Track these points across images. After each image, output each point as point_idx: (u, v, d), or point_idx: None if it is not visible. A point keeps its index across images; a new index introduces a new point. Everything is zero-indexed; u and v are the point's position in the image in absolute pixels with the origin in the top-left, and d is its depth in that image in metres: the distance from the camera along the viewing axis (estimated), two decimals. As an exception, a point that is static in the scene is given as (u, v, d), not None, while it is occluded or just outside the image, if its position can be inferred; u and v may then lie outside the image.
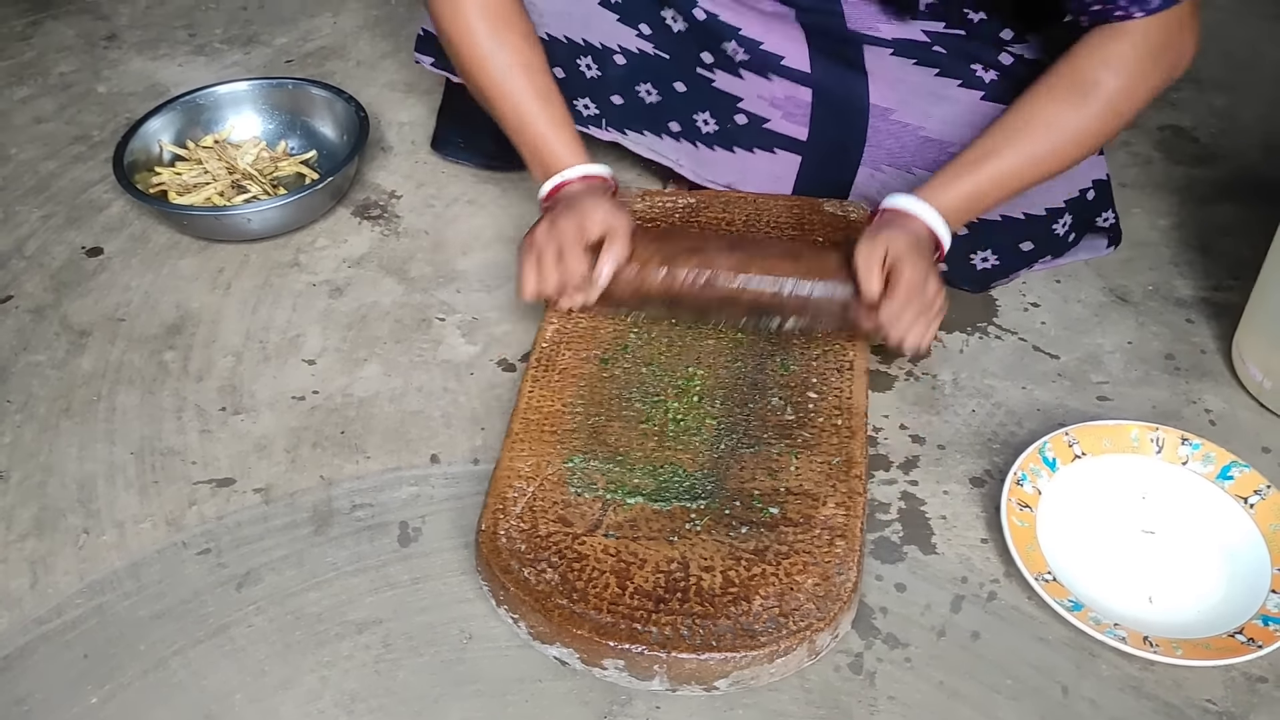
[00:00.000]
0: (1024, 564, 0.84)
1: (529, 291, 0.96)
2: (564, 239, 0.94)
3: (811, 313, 0.96)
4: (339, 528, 0.92)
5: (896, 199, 0.94)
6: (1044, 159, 0.93)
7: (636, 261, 0.96)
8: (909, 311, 0.90)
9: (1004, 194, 0.95)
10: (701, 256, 0.96)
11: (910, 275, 0.89)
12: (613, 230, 0.95)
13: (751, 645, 0.77)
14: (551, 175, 0.99)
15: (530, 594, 0.80)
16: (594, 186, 0.99)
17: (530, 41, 1.00)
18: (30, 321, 1.12)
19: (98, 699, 0.81)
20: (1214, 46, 1.50)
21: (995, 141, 0.94)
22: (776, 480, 0.87)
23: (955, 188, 0.94)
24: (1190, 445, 0.92)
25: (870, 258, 0.91)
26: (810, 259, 0.96)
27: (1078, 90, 0.91)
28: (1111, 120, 0.93)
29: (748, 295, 0.95)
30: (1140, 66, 0.91)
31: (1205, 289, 1.13)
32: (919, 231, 0.92)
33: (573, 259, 0.94)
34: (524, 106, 0.99)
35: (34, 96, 1.46)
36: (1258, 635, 0.80)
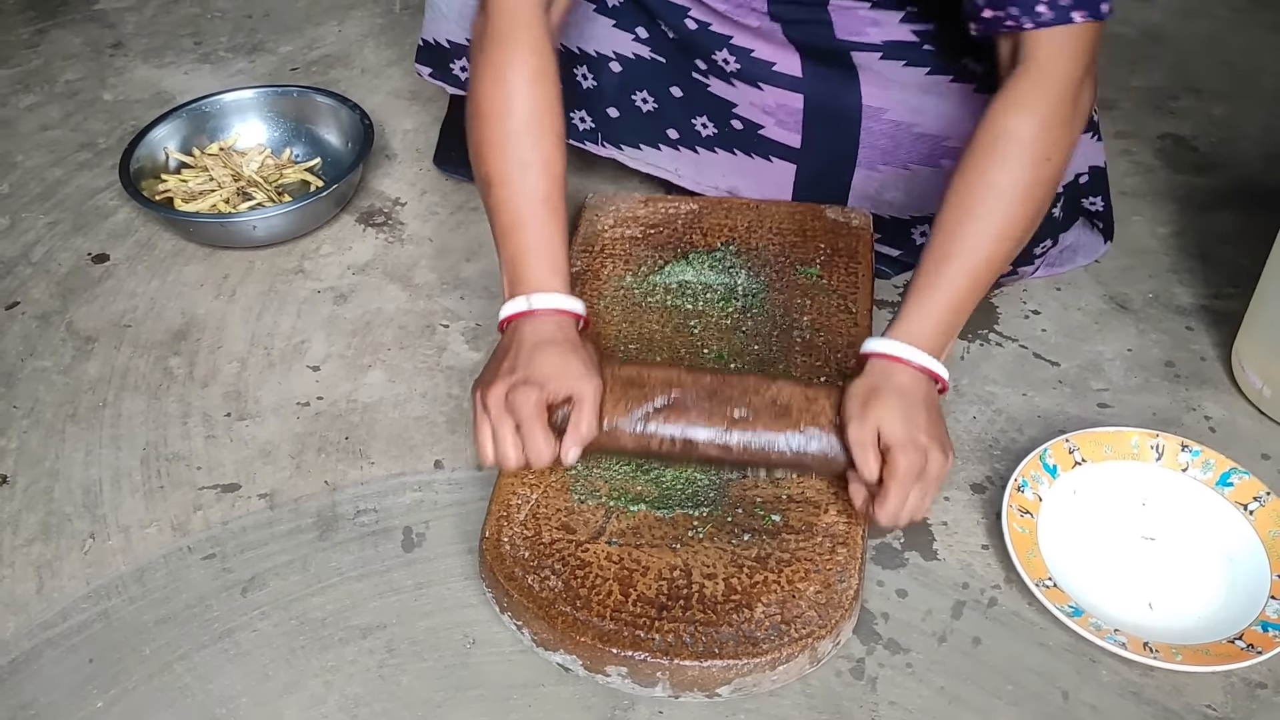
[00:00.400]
0: (1025, 570, 0.85)
1: (487, 461, 0.84)
2: (523, 413, 0.82)
3: (803, 469, 0.87)
4: (343, 533, 0.93)
5: (876, 344, 0.85)
6: (1001, 231, 0.85)
7: (606, 417, 0.85)
8: (899, 506, 0.81)
9: (982, 285, 0.86)
10: (679, 410, 0.86)
11: (904, 466, 0.79)
12: (579, 399, 0.83)
13: (753, 653, 0.77)
14: (522, 294, 0.87)
15: (534, 601, 0.80)
16: (562, 324, 0.87)
17: (559, 145, 0.91)
18: (37, 327, 1.13)
19: (103, 703, 0.81)
20: (1214, 56, 1.51)
21: (948, 240, 0.85)
22: (778, 488, 0.88)
23: (930, 312, 0.85)
24: (1190, 452, 0.92)
25: (863, 443, 0.81)
26: (801, 411, 0.85)
27: (997, 146, 0.85)
28: (1046, 166, 0.85)
29: (733, 456, 0.86)
30: (1045, 102, 0.85)
31: (1205, 297, 1.14)
32: (908, 384, 0.83)
33: (534, 437, 0.82)
34: (526, 209, 0.88)
35: (40, 104, 1.47)
36: (1257, 641, 0.80)
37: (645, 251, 1.09)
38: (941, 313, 0.85)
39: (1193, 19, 1.60)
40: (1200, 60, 1.51)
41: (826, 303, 1.04)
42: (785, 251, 1.09)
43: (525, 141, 0.89)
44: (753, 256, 1.08)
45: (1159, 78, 1.48)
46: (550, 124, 0.90)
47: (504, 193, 0.89)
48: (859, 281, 1.06)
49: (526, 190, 0.89)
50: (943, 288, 0.85)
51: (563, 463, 0.84)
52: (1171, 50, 1.53)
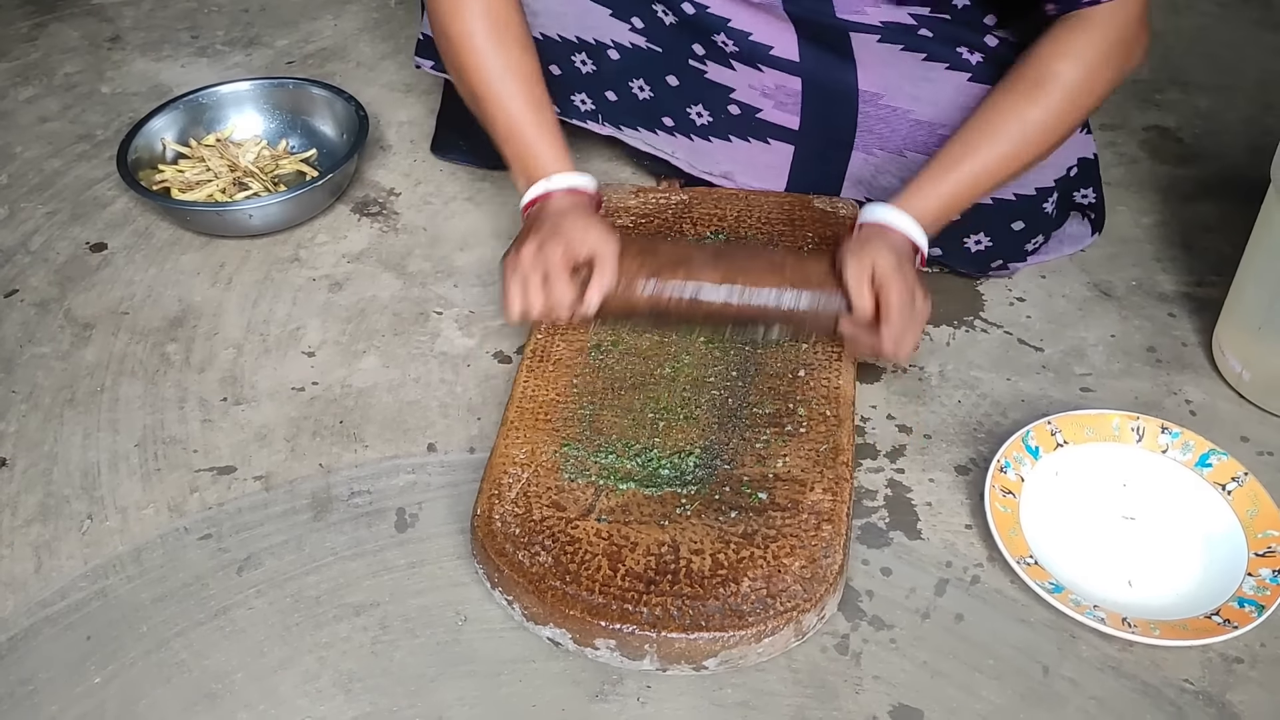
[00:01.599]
0: (1006, 548, 0.86)
1: (515, 315, 0.94)
2: (550, 264, 0.92)
3: (798, 323, 0.97)
4: (337, 514, 0.94)
5: (874, 211, 0.96)
6: (1012, 155, 0.96)
7: (623, 278, 0.95)
8: (902, 331, 0.91)
9: (978, 193, 0.97)
10: (687, 270, 0.96)
11: (899, 296, 0.90)
12: (600, 255, 0.94)
13: (739, 625, 0.79)
14: (535, 182, 0.98)
15: (524, 576, 0.82)
16: (579, 202, 0.98)
17: (528, 50, 1.01)
18: (35, 315, 1.14)
19: (101, 679, 0.83)
20: (1200, 50, 1.53)
21: (964, 143, 0.96)
22: (765, 467, 0.89)
23: (930, 194, 0.96)
24: (1170, 434, 0.94)
25: (859, 278, 0.92)
26: (794, 269, 0.96)
27: (1037, 84, 0.94)
28: (1072, 112, 0.95)
29: (733, 309, 0.96)
30: (1097, 59, 0.94)
31: (1187, 284, 1.15)
32: (900, 243, 0.94)
33: (559, 285, 0.93)
34: (515, 112, 0.99)
35: (39, 96, 1.48)
36: (1233, 617, 0.82)
37: None
38: (940, 200, 0.96)
39: (1179, 14, 1.62)
40: (1186, 54, 1.52)
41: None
42: (773, 240, 1.10)
43: (495, 53, 0.99)
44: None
45: (1144, 71, 1.49)
46: (512, 30, 1.00)
47: (491, 105, 1.00)
48: (846, 268, 1.07)
49: (510, 96, 0.99)
50: (949, 180, 0.96)
51: (584, 310, 0.94)
52: (1158, 44, 1.53)
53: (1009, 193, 1.07)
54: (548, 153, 0.99)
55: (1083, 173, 1.12)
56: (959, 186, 0.96)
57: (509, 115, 0.99)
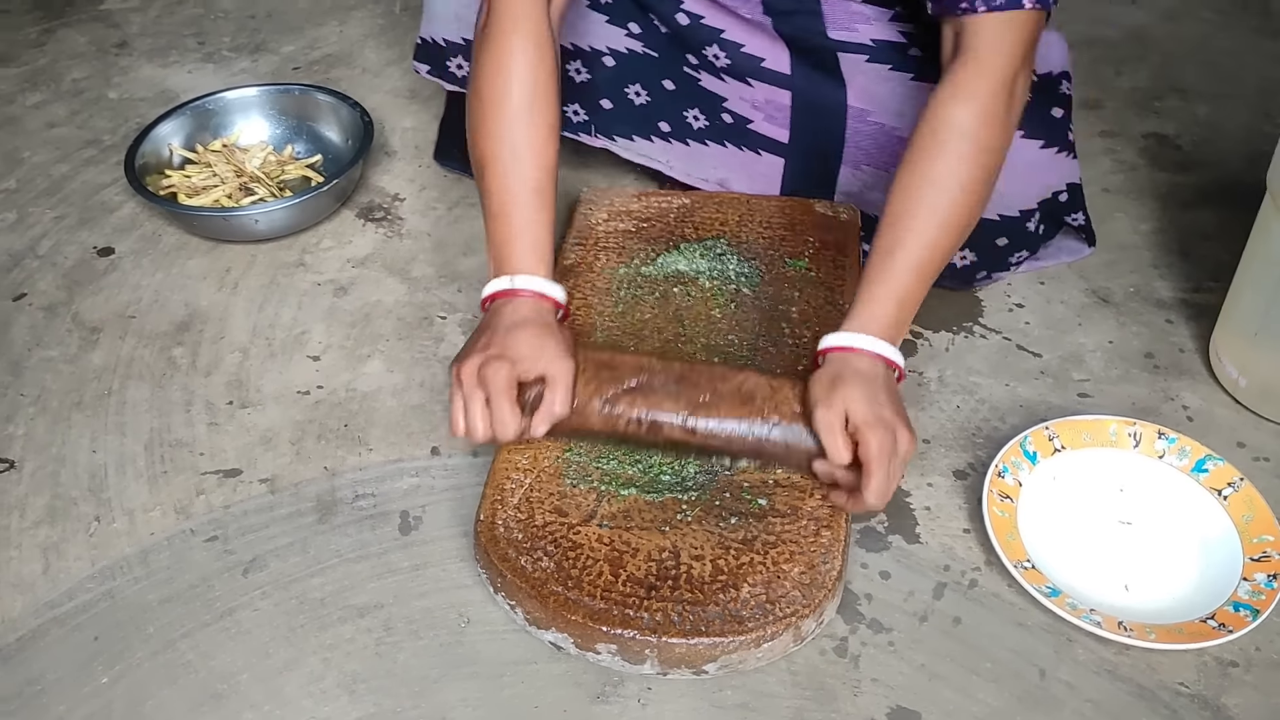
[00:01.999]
0: (1004, 552, 0.87)
1: (457, 432, 0.87)
2: (493, 387, 0.85)
3: (767, 458, 0.89)
4: (342, 516, 0.95)
5: (833, 339, 0.88)
6: (945, 221, 0.87)
7: (577, 399, 0.88)
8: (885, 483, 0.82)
9: (928, 275, 0.89)
10: (646, 397, 0.88)
11: (879, 446, 0.81)
12: (552, 379, 0.86)
13: (739, 631, 0.80)
14: (504, 274, 0.91)
15: (527, 581, 0.83)
16: (541, 310, 0.90)
17: (553, 134, 0.94)
18: (43, 318, 1.16)
19: (108, 679, 0.84)
20: (1198, 57, 1.54)
21: (894, 233, 0.88)
22: (765, 473, 0.90)
23: (881, 302, 0.87)
24: (1167, 439, 0.95)
25: (831, 427, 0.83)
26: (765, 399, 0.88)
27: (934, 136, 0.88)
28: (986, 155, 0.88)
29: (696, 440, 0.88)
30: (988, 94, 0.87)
31: (1185, 291, 1.16)
32: (869, 368, 0.85)
33: (502, 411, 0.85)
34: (514, 194, 0.92)
35: (47, 102, 1.50)
36: (1229, 621, 0.83)
37: (638, 244, 1.12)
38: (892, 303, 0.87)
39: (1178, 21, 1.63)
40: (1185, 61, 1.53)
41: (814, 295, 1.06)
42: (775, 245, 1.11)
43: (520, 129, 0.92)
44: (743, 249, 1.11)
45: (1144, 78, 1.50)
46: (545, 113, 0.93)
47: (496, 178, 0.92)
48: (846, 274, 1.08)
49: (518, 176, 0.92)
50: (891, 280, 0.87)
51: (532, 436, 0.88)
52: (1157, 52, 1.56)
53: (993, 213, 1.08)
54: (529, 249, 0.92)
55: (1071, 197, 1.12)
56: (907, 279, 0.87)
57: (508, 195, 0.92)
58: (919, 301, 0.89)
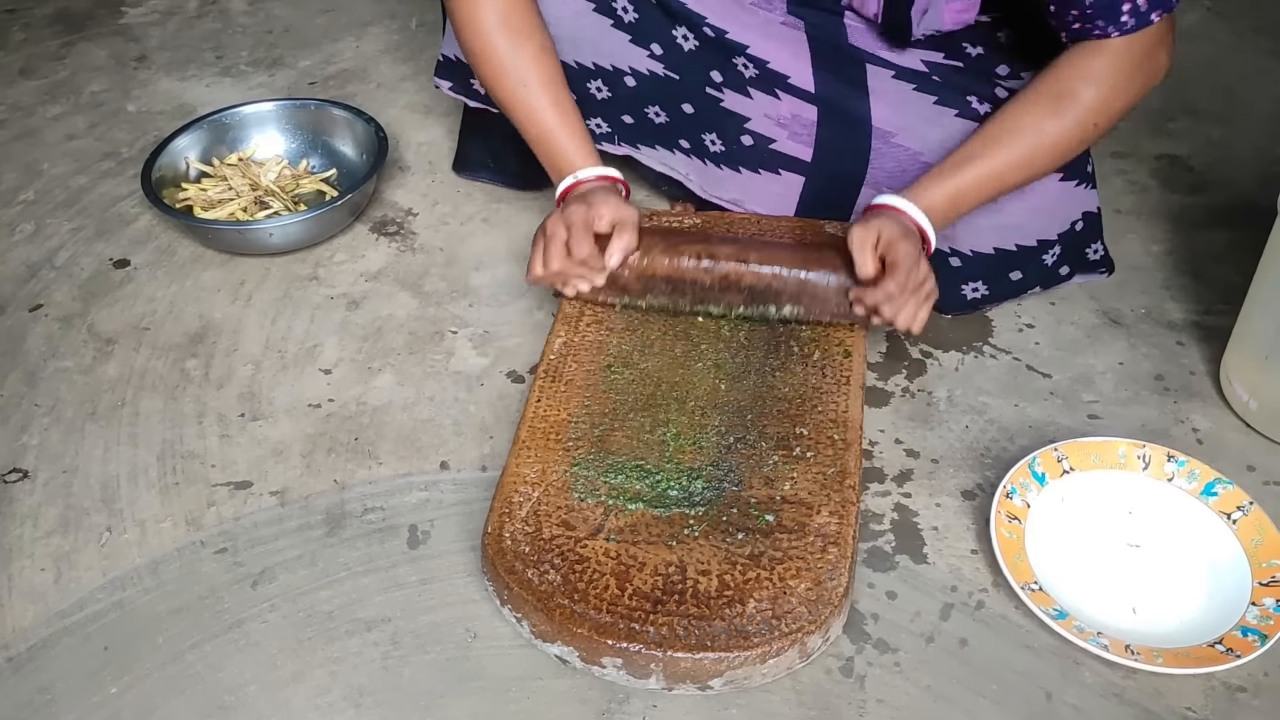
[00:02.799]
0: (1011, 574, 0.87)
1: (536, 273, 1.01)
2: (573, 224, 0.99)
3: (809, 298, 1.02)
4: (351, 530, 0.96)
5: (885, 198, 1.00)
6: (1022, 163, 0.99)
7: (642, 249, 1.02)
8: (903, 292, 0.95)
9: (985, 196, 1.01)
10: (704, 244, 1.03)
11: (903, 258, 0.94)
12: (622, 220, 1.01)
13: (745, 646, 0.80)
14: (565, 176, 1.05)
15: (533, 594, 0.83)
16: (605, 185, 1.05)
17: (547, 53, 1.06)
18: (59, 329, 1.17)
19: (117, 689, 0.84)
20: (1211, 80, 1.54)
21: (977, 146, 1.00)
22: (773, 489, 0.90)
23: (939, 189, 0.99)
24: (1176, 462, 0.95)
25: (864, 240, 0.96)
26: (807, 250, 1.03)
27: (1057, 100, 0.98)
28: (1087, 130, 0.98)
29: (748, 279, 1.02)
30: (1115, 80, 0.97)
31: (1196, 313, 1.16)
32: (907, 228, 0.98)
33: (581, 243, 0.99)
34: (541, 116, 1.05)
35: (66, 114, 1.52)
36: (1237, 645, 0.82)
37: None
38: (946, 194, 0.99)
39: (1193, 43, 1.63)
40: (1199, 83, 1.53)
41: (824, 313, 1.07)
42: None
43: (517, 64, 1.04)
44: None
45: (1157, 99, 1.50)
46: (531, 39, 1.05)
47: (520, 111, 1.06)
48: (856, 293, 1.08)
49: (537, 102, 1.05)
50: (955, 178, 0.99)
51: (606, 264, 1.01)
52: (1170, 73, 1.56)
53: (1010, 243, 1.08)
54: (574, 150, 1.06)
55: (1088, 227, 1.12)
56: (967, 186, 0.99)
57: (535, 122, 1.06)
58: (970, 208, 1.01)
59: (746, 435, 0.95)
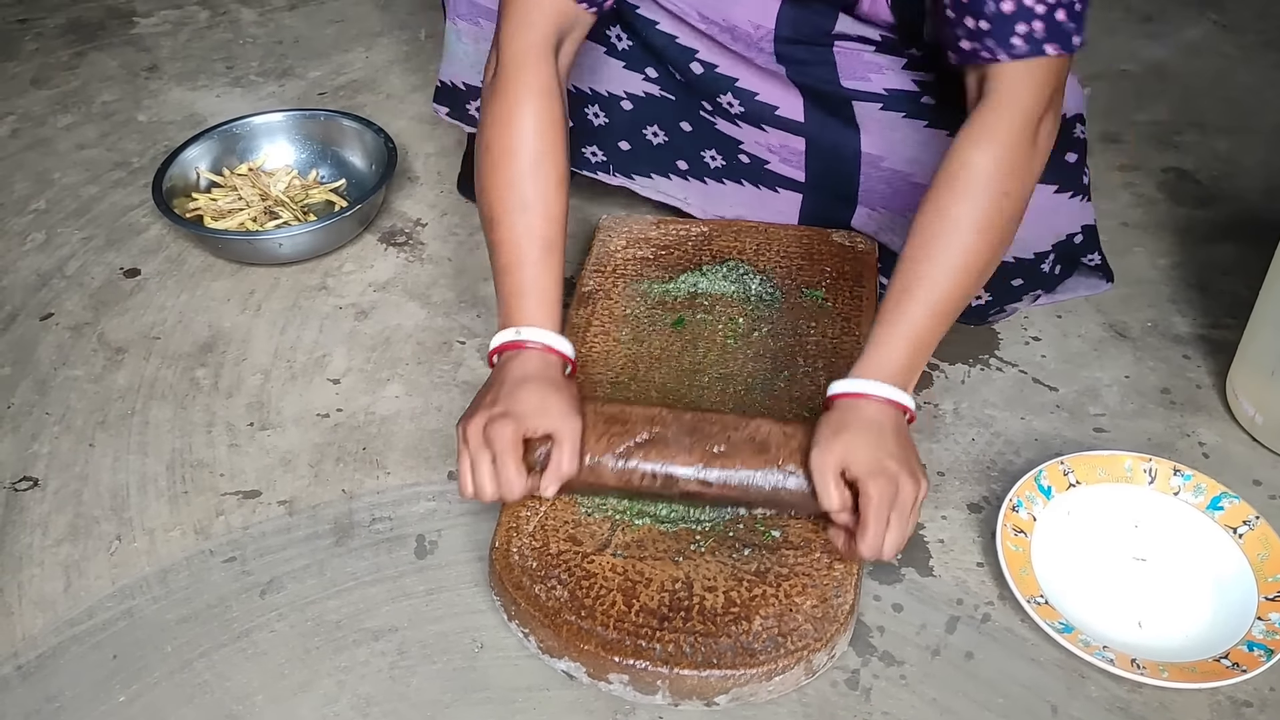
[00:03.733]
0: (1017, 587, 0.87)
1: (466, 494, 0.85)
2: (499, 446, 0.83)
3: (782, 507, 0.89)
4: (359, 539, 0.96)
5: (841, 385, 0.86)
6: (962, 264, 0.86)
7: (588, 455, 0.87)
8: (878, 536, 0.80)
9: (944, 319, 0.87)
10: (660, 449, 0.87)
11: (877, 496, 0.79)
12: (559, 436, 0.84)
13: (751, 664, 0.80)
14: (512, 326, 0.89)
15: (540, 609, 0.83)
16: (548, 364, 0.88)
17: (561, 186, 0.93)
18: (69, 338, 1.17)
19: (125, 697, 0.85)
20: (1219, 93, 1.54)
21: (909, 275, 0.86)
22: (779, 519, 0.90)
23: (893, 346, 0.86)
24: (1182, 476, 0.95)
25: (824, 475, 0.82)
26: (779, 447, 0.87)
27: (958, 180, 0.86)
28: (1005, 200, 0.86)
29: (712, 492, 0.87)
30: (1009, 138, 0.86)
31: (1203, 326, 1.16)
32: (877, 415, 0.83)
33: (509, 471, 0.83)
34: (524, 248, 0.91)
35: (78, 124, 1.53)
36: (1243, 660, 0.82)
37: (655, 271, 1.13)
38: (905, 347, 0.86)
39: (1199, 56, 1.63)
40: (1205, 96, 1.53)
41: (830, 326, 1.07)
42: (792, 274, 1.12)
43: (528, 184, 0.91)
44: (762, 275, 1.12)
45: (1164, 113, 1.51)
46: (553, 166, 0.92)
47: (504, 232, 0.91)
48: (863, 305, 1.09)
49: (526, 231, 0.91)
50: (905, 323, 0.86)
51: (542, 496, 0.86)
52: (1177, 86, 1.57)
53: (1007, 255, 1.07)
54: (536, 303, 0.90)
55: (1087, 239, 1.11)
56: (922, 322, 0.86)
57: (516, 249, 0.91)
58: (934, 345, 0.88)
59: (753, 448, 0.95)
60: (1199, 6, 1.75)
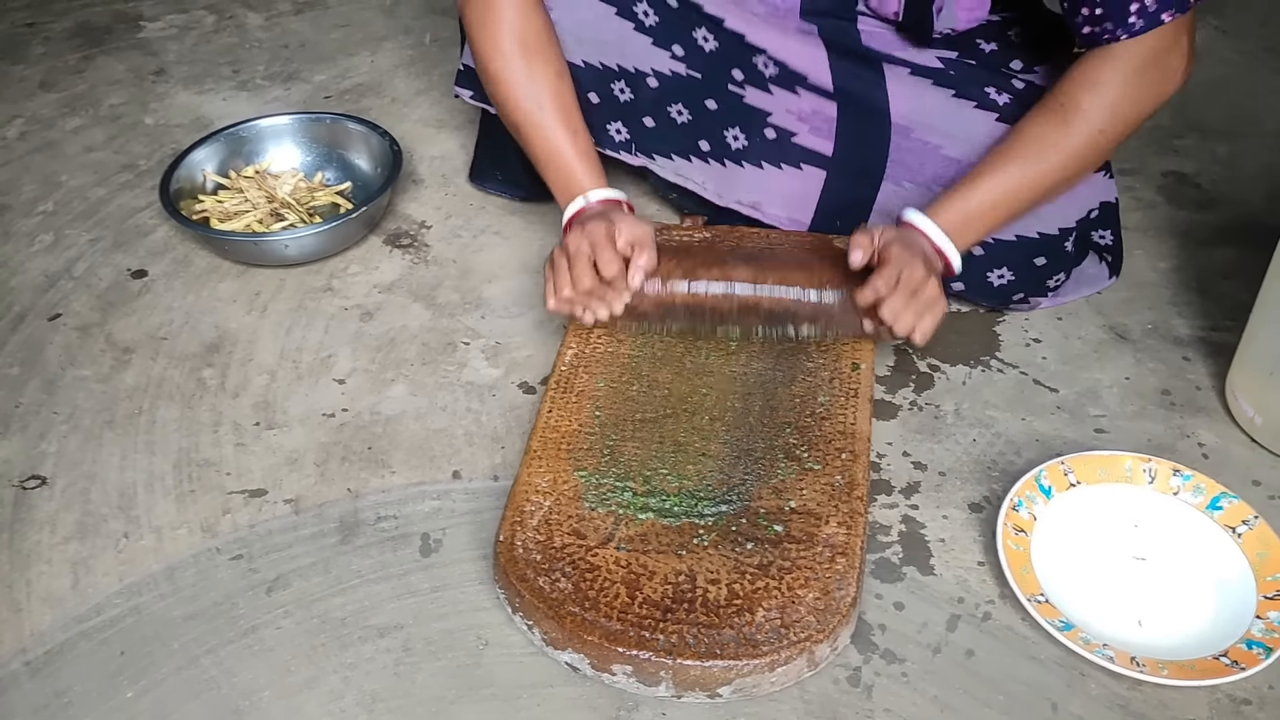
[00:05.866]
0: (1018, 586, 0.88)
1: (564, 293, 1.00)
2: (597, 241, 0.99)
3: (825, 318, 1.03)
4: (364, 537, 0.97)
5: (905, 214, 1.02)
6: (1038, 179, 1.00)
7: (659, 274, 1.02)
8: (892, 289, 0.95)
9: (1004, 214, 1.01)
10: (721, 269, 1.03)
11: (894, 257, 0.95)
12: (639, 239, 1.01)
13: (753, 654, 0.81)
14: (574, 197, 1.06)
15: (544, 601, 0.84)
16: (616, 208, 1.06)
17: (561, 76, 1.07)
18: (77, 339, 1.18)
19: (133, 693, 0.85)
20: (1219, 98, 1.55)
21: (992, 163, 1.01)
22: (781, 499, 0.91)
23: (955, 207, 1.00)
24: (1182, 476, 0.96)
25: (859, 238, 0.98)
26: (821, 269, 1.04)
27: (1063, 113, 0.98)
28: (1099, 139, 0.99)
29: (765, 303, 1.02)
30: (1121, 86, 0.97)
31: (1203, 329, 1.17)
32: (920, 242, 0.99)
33: (608, 260, 0.98)
34: (552, 138, 1.06)
35: (85, 127, 1.54)
36: (1241, 658, 0.83)
37: None
38: (962, 212, 1.00)
39: (1200, 61, 1.62)
40: (1206, 101, 1.54)
41: (833, 327, 1.08)
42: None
43: (530, 86, 1.06)
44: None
45: (1165, 117, 1.50)
46: (548, 62, 1.06)
47: (532, 131, 1.07)
48: (864, 307, 1.10)
49: (549, 123, 1.06)
50: (970, 196, 1.00)
51: (629, 286, 1.01)
52: (1177, 91, 1.57)
53: (1033, 230, 1.09)
54: (584, 173, 1.06)
55: (1103, 215, 1.13)
56: (984, 204, 1.00)
57: (546, 142, 1.07)
58: (987, 228, 1.02)
59: (755, 446, 0.96)
60: (1200, 12, 1.73)
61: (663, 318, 1.05)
